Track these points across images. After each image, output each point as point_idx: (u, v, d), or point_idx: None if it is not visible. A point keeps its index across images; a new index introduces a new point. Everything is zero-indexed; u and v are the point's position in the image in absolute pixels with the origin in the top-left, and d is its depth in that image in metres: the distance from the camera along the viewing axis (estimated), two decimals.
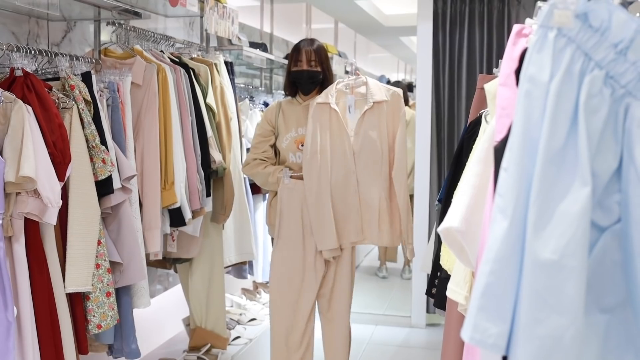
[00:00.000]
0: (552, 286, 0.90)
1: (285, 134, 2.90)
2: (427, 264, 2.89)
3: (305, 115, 2.88)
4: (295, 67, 2.88)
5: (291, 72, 2.90)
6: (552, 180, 0.93)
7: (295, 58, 2.89)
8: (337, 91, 2.85)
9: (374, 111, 2.82)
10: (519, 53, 1.23)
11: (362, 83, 2.87)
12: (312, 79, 2.87)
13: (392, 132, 2.85)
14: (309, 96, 2.91)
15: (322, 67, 2.88)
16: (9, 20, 2.62)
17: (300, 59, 2.86)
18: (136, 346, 2.68)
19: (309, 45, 2.89)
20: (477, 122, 2.06)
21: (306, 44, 2.89)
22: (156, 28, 3.53)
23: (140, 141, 2.73)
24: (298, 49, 2.89)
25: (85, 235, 2.30)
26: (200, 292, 3.38)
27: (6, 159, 2.01)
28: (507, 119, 1.19)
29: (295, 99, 2.94)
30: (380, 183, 2.83)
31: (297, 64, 2.88)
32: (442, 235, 1.36)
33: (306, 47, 2.88)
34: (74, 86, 2.36)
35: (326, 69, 2.90)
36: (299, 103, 2.92)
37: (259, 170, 2.90)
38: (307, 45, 2.88)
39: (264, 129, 2.96)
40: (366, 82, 2.87)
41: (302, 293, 2.89)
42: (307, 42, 2.91)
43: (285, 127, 2.91)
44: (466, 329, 0.96)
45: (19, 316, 2.07)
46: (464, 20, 4.32)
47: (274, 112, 2.96)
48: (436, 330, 4.37)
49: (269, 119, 2.96)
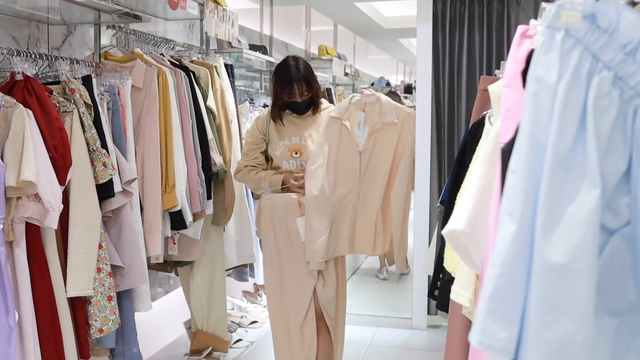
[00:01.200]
0: (562, 290, 0.89)
1: (278, 142, 2.97)
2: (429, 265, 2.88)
3: (298, 126, 2.95)
4: (288, 98, 2.92)
5: (284, 101, 2.94)
6: (561, 182, 0.92)
7: (287, 91, 2.91)
8: (350, 105, 2.87)
9: (383, 132, 2.87)
10: (523, 54, 1.22)
11: (375, 99, 2.89)
12: (307, 106, 2.96)
13: (399, 153, 2.90)
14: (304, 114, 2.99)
15: (313, 91, 2.94)
16: (9, 24, 2.61)
17: (293, 92, 2.90)
18: (138, 350, 2.67)
19: (296, 72, 2.89)
20: (479, 124, 2.05)
21: (295, 75, 2.89)
22: (156, 31, 3.52)
23: (140, 144, 2.72)
24: (289, 81, 2.90)
25: (86, 239, 2.29)
26: (201, 295, 3.36)
27: (7, 164, 2.00)
28: (512, 121, 1.18)
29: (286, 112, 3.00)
30: (379, 200, 2.92)
31: (289, 96, 2.92)
32: (446, 238, 1.35)
33: (297, 81, 2.89)
34: (75, 90, 2.35)
35: (316, 90, 2.96)
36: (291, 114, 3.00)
37: (251, 176, 2.98)
38: (296, 76, 2.89)
39: (255, 136, 3.04)
40: (379, 99, 2.89)
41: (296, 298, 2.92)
42: (294, 70, 2.90)
43: (278, 136, 2.97)
44: (474, 333, 0.95)
45: (21, 321, 2.06)
46: (463, 22, 4.31)
47: (265, 121, 3.03)
48: (437, 332, 4.36)
49: (260, 127, 3.03)
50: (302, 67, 2.93)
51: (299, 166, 2.94)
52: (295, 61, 2.95)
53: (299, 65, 2.93)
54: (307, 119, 2.99)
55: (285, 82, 2.92)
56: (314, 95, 2.96)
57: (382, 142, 2.89)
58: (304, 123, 2.99)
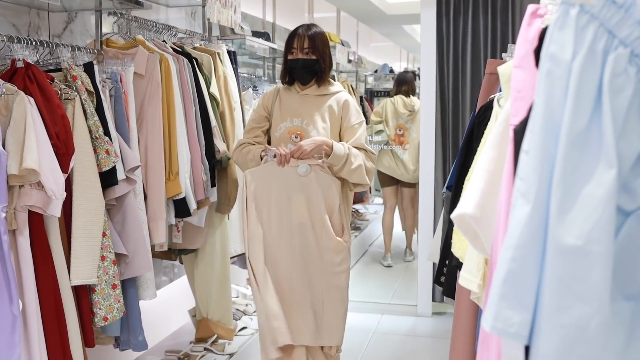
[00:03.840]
0: (577, 273, 0.87)
1: (279, 123, 2.77)
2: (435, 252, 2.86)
3: (302, 106, 2.75)
4: (290, 55, 2.75)
5: (286, 59, 2.77)
6: (576, 162, 0.89)
7: (289, 45, 2.75)
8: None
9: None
10: (534, 34, 1.19)
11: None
12: (307, 67, 2.73)
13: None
14: (306, 86, 2.78)
15: (318, 54, 2.72)
16: (9, 12, 2.58)
17: (295, 46, 2.72)
18: (143, 338, 2.66)
19: (304, 31, 2.73)
20: (487, 107, 2.02)
21: (302, 30, 2.74)
22: (158, 18, 3.50)
23: (143, 132, 2.71)
24: (292, 36, 2.75)
25: (90, 227, 2.28)
26: (206, 283, 3.36)
27: (9, 152, 1.98)
28: (523, 102, 1.15)
29: (293, 87, 2.81)
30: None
31: (291, 52, 2.74)
32: (455, 222, 1.33)
33: (300, 33, 2.72)
34: (76, 77, 2.33)
35: (322, 57, 2.73)
36: (296, 92, 2.79)
37: (241, 153, 2.75)
38: (302, 31, 2.73)
39: (258, 114, 2.84)
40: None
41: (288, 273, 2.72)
42: (304, 28, 2.75)
43: (281, 115, 2.77)
44: (487, 318, 0.93)
45: (25, 310, 2.05)
46: (467, 7, 4.27)
47: (271, 98, 2.84)
48: (442, 318, 4.36)
49: (265, 104, 2.84)
50: (313, 29, 2.75)
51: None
52: (309, 24, 2.79)
53: (310, 26, 2.77)
54: (312, 99, 2.77)
55: (289, 37, 2.76)
56: (320, 60, 2.72)
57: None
58: (308, 102, 2.77)
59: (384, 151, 5.55)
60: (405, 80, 5.70)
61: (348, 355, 3.65)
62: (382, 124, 5.55)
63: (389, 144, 5.53)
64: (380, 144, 5.53)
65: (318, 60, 2.73)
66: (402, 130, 5.55)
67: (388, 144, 5.53)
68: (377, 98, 7.19)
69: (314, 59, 2.73)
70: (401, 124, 5.54)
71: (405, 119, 5.55)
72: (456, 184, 2.23)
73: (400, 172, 5.56)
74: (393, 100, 5.63)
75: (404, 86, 5.65)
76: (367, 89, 7.70)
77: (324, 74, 2.77)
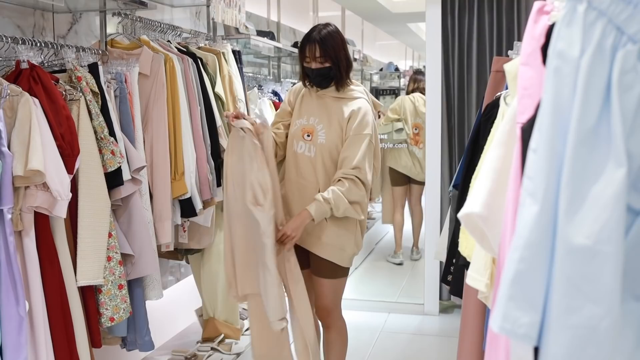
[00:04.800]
0: (586, 273, 0.86)
1: (297, 119, 2.77)
2: (442, 251, 2.85)
3: (318, 106, 2.74)
4: (305, 63, 2.72)
5: (303, 66, 2.74)
6: (585, 161, 0.88)
7: (303, 53, 2.71)
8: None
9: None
10: (541, 30, 1.18)
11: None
12: (322, 76, 2.70)
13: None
14: (325, 89, 2.75)
15: (331, 60, 2.65)
16: (14, 13, 2.58)
17: (307, 54, 2.69)
18: (149, 338, 2.66)
19: (316, 35, 2.66)
20: (494, 105, 2.01)
21: (314, 34, 2.67)
22: (162, 18, 3.49)
23: (149, 132, 2.70)
24: (305, 42, 2.70)
25: (96, 227, 2.28)
26: (212, 283, 3.35)
27: (14, 153, 1.98)
28: (530, 100, 1.14)
29: (314, 87, 2.78)
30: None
31: (305, 60, 2.71)
32: (462, 221, 1.31)
33: (310, 42, 2.66)
34: (81, 78, 2.33)
35: (337, 61, 2.67)
36: (315, 91, 2.78)
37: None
38: (315, 36, 2.66)
39: (282, 108, 2.87)
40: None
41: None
42: (316, 32, 2.68)
43: (299, 112, 2.78)
44: (495, 319, 0.92)
45: (31, 311, 2.05)
46: (473, 4, 4.25)
47: (296, 94, 2.84)
48: (449, 317, 4.35)
49: (290, 99, 2.85)
50: (324, 31, 2.67)
51: (306, 151, 2.72)
52: (322, 25, 2.72)
53: (322, 28, 2.69)
54: (328, 100, 2.74)
55: (303, 42, 2.71)
56: (333, 66, 2.67)
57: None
58: (324, 103, 2.75)
59: (400, 149, 5.53)
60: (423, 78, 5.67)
61: (355, 354, 3.65)
62: (402, 122, 5.53)
63: (406, 142, 5.52)
64: (400, 142, 5.51)
65: (332, 67, 2.68)
66: (418, 129, 5.52)
67: (406, 142, 5.52)
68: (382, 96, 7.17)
69: (328, 66, 2.68)
70: (418, 122, 5.51)
71: (424, 118, 5.53)
72: (463, 182, 2.22)
73: (417, 171, 5.54)
74: (412, 99, 5.57)
75: (422, 84, 5.61)
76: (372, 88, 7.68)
77: (342, 79, 2.71)
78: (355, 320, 4.26)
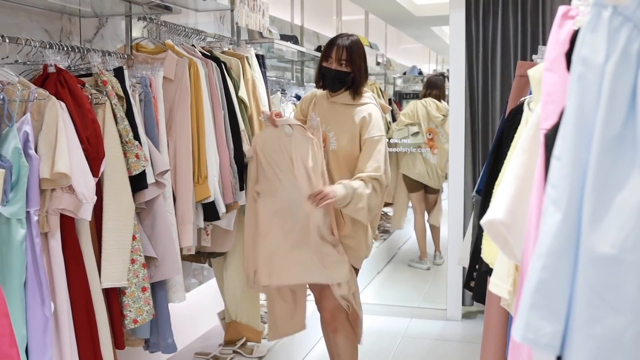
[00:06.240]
0: (611, 282, 0.84)
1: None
2: (465, 257, 2.83)
3: (330, 113, 2.82)
4: (325, 63, 2.81)
5: (321, 66, 2.84)
6: (609, 169, 0.87)
7: (326, 53, 2.80)
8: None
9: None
10: (565, 36, 1.17)
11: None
12: (339, 79, 2.78)
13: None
14: (336, 93, 2.84)
15: (353, 67, 2.76)
16: (41, 17, 2.62)
17: (331, 55, 2.78)
18: (172, 340, 2.68)
19: (343, 41, 2.77)
20: (517, 111, 1.99)
21: (341, 40, 2.78)
22: (187, 23, 3.52)
23: (173, 136, 2.72)
24: (331, 44, 2.80)
25: (120, 230, 2.30)
26: (234, 286, 3.36)
27: (41, 156, 2.01)
28: (554, 106, 1.13)
29: (326, 93, 2.89)
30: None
31: (327, 60, 2.80)
32: (485, 228, 1.31)
33: (339, 43, 2.76)
34: (107, 82, 2.36)
35: (357, 70, 2.77)
36: (327, 98, 2.87)
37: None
38: (341, 42, 2.77)
39: (296, 116, 3.01)
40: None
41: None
42: (343, 39, 2.79)
43: None
44: (517, 328, 0.91)
45: (56, 312, 2.08)
46: (497, 8, 4.22)
47: (308, 102, 2.96)
48: (472, 323, 4.31)
49: (303, 107, 2.98)
50: (352, 38, 2.79)
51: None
52: (349, 34, 2.83)
53: (349, 36, 2.80)
54: (340, 107, 2.83)
55: (328, 45, 2.81)
56: (354, 74, 2.76)
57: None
58: (336, 110, 2.83)
59: (414, 156, 5.51)
60: (436, 84, 5.64)
61: (377, 359, 3.63)
62: (418, 125, 5.51)
63: (420, 146, 5.50)
64: (416, 146, 5.49)
65: (350, 73, 2.77)
66: (432, 134, 5.50)
67: (420, 146, 5.50)
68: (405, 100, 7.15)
69: (347, 71, 2.77)
70: (432, 127, 5.49)
71: (438, 122, 5.50)
72: (486, 188, 2.20)
73: (430, 179, 5.52)
74: (424, 103, 5.56)
75: (434, 90, 5.60)
76: (395, 92, 7.66)
77: (358, 87, 2.80)
78: (376, 325, 4.25)
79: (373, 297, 4.90)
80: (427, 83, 5.73)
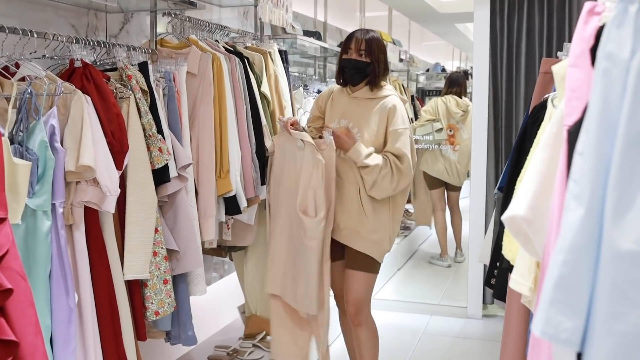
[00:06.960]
0: (633, 279, 0.84)
1: (329, 123, 2.87)
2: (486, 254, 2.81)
3: (351, 108, 2.82)
4: (344, 55, 2.82)
5: (341, 59, 2.85)
6: (633, 164, 0.86)
7: (346, 45, 2.82)
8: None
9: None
10: (591, 32, 1.16)
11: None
12: (358, 69, 2.78)
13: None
14: (357, 87, 2.83)
15: (372, 58, 2.77)
16: (69, 13, 2.66)
17: (350, 46, 2.79)
18: (193, 333, 2.70)
19: (362, 34, 2.80)
20: (541, 107, 1.98)
21: (359, 33, 2.81)
22: (211, 18, 3.54)
23: (195, 130, 2.75)
24: (350, 37, 2.82)
25: (143, 223, 2.33)
26: (255, 280, 3.39)
27: (66, 149, 2.04)
28: (578, 102, 1.12)
29: (346, 89, 2.89)
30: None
31: (347, 52, 2.81)
32: (506, 224, 1.30)
33: (358, 36, 2.79)
34: (131, 76, 2.38)
35: (377, 61, 2.77)
36: (347, 94, 2.86)
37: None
38: (360, 34, 2.80)
39: (313, 113, 3.01)
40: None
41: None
42: (361, 32, 2.82)
43: (330, 116, 2.88)
44: (537, 323, 0.91)
45: (80, 302, 2.11)
46: (522, 4, 4.18)
47: (325, 99, 2.95)
48: (493, 321, 4.28)
49: (319, 104, 2.97)
50: (371, 33, 2.82)
51: (342, 153, 2.77)
52: (367, 28, 2.87)
53: (369, 30, 2.84)
54: (361, 102, 2.81)
55: (347, 38, 2.84)
56: (374, 64, 2.77)
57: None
58: (357, 105, 2.81)
59: (434, 153, 5.49)
60: (457, 81, 5.64)
61: (396, 356, 3.63)
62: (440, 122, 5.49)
63: (441, 143, 5.48)
64: (440, 142, 5.47)
65: (370, 64, 2.78)
66: (453, 130, 5.48)
67: (441, 143, 5.48)
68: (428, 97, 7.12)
69: (367, 61, 2.78)
70: (452, 124, 5.48)
71: (458, 119, 5.48)
72: (508, 185, 2.19)
73: (451, 176, 5.50)
74: (444, 100, 5.56)
75: (455, 87, 5.60)
76: (418, 88, 7.63)
77: (377, 78, 2.80)
78: (396, 322, 4.25)
79: (393, 294, 4.90)
80: (448, 80, 5.73)
